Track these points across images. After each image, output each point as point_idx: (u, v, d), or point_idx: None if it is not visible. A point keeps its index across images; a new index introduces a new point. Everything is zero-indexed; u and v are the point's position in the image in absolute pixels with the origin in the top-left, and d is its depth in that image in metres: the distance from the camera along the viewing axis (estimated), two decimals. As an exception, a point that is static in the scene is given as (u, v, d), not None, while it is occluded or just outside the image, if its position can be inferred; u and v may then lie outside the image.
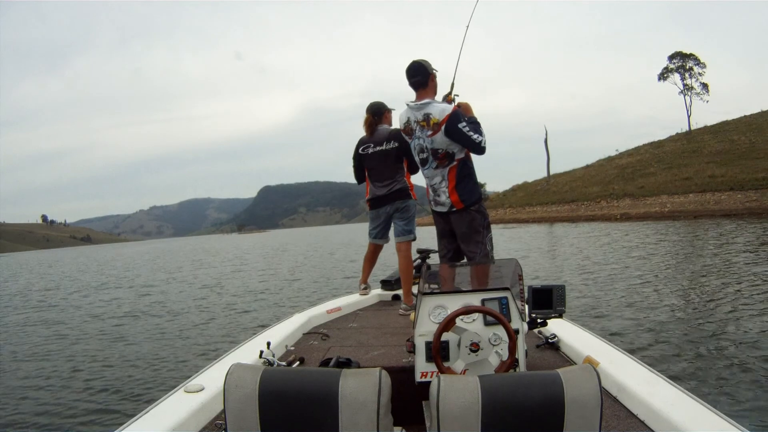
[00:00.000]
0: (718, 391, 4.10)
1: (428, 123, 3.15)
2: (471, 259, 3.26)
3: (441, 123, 3.10)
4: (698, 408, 1.73)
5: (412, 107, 3.24)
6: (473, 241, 3.25)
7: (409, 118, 3.30)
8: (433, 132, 3.15)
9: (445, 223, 3.39)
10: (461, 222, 3.27)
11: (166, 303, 11.40)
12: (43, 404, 4.87)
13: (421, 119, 3.19)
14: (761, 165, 34.02)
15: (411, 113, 3.27)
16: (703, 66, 54.68)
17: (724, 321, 6.18)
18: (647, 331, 5.99)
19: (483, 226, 3.27)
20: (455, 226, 3.31)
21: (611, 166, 52.23)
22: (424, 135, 3.20)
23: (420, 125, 3.21)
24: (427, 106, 3.16)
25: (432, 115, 3.13)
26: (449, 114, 3.10)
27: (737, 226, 20.49)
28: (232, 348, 2.72)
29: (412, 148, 3.38)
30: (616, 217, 35.01)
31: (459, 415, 1.19)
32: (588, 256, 14.17)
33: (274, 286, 13.04)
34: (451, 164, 3.20)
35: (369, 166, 4.00)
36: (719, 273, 9.54)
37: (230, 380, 1.27)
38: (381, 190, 3.96)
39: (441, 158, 3.20)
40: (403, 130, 3.41)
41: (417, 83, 3.22)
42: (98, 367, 6.13)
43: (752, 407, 3.79)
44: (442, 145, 3.16)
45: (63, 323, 9.66)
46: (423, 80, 3.21)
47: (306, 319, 3.44)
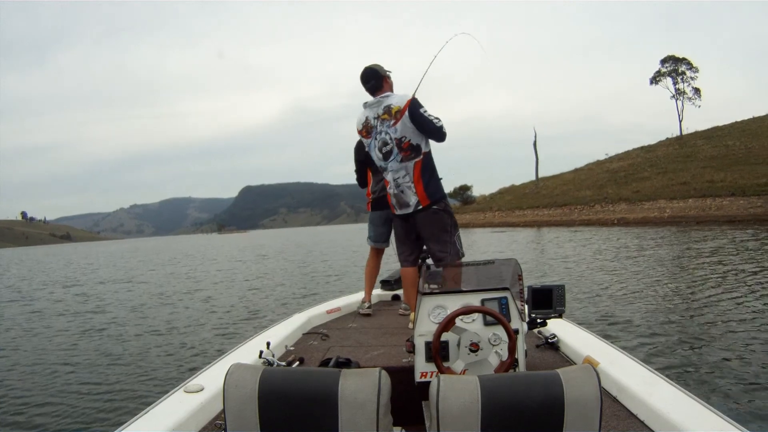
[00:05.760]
0: (719, 392, 4.11)
1: (390, 113, 3.17)
2: (441, 259, 3.23)
3: (403, 109, 3.14)
4: (698, 408, 1.73)
5: (371, 104, 3.27)
6: (442, 240, 3.24)
7: (367, 117, 3.30)
8: (395, 120, 3.16)
9: (409, 226, 3.36)
10: (428, 223, 3.24)
11: (167, 302, 11.40)
12: (42, 404, 4.84)
13: (381, 113, 3.21)
14: (761, 171, 34.18)
15: (369, 111, 3.28)
16: (696, 70, 55.36)
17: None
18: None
19: (451, 225, 3.26)
20: (421, 228, 3.28)
21: (602, 170, 52.53)
22: (385, 127, 3.21)
23: (381, 119, 3.22)
24: (386, 99, 3.21)
25: (392, 105, 3.17)
26: (410, 99, 3.16)
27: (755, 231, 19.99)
28: (232, 348, 2.73)
29: (372, 147, 3.34)
30: (613, 222, 35.12)
31: (459, 415, 1.19)
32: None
33: (269, 287, 13.05)
34: (416, 158, 3.19)
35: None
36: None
37: (230, 380, 1.27)
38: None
39: (406, 150, 3.17)
40: (361, 131, 3.38)
41: (372, 88, 3.28)
42: (97, 366, 6.11)
43: (752, 407, 3.82)
44: (406, 133, 3.15)
45: (53, 321, 9.62)
46: (377, 84, 3.27)
47: (306, 320, 3.44)
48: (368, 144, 3.37)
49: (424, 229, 3.28)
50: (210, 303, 10.84)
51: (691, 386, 4.16)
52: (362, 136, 3.39)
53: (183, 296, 12.35)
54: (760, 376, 4.44)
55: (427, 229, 3.26)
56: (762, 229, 21.03)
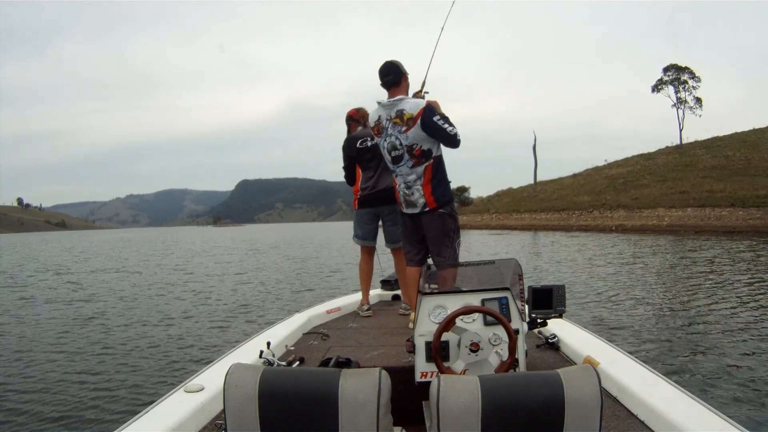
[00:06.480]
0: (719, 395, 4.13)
1: (402, 119, 3.12)
2: (439, 263, 3.20)
3: (416, 117, 3.09)
4: (698, 408, 1.74)
5: (385, 105, 3.22)
6: (444, 245, 3.22)
7: (380, 116, 3.26)
8: (407, 127, 3.12)
9: (415, 225, 3.34)
10: (434, 225, 3.22)
11: (166, 302, 11.33)
12: (42, 404, 4.78)
13: (394, 116, 3.16)
14: (760, 182, 34.22)
15: (383, 111, 3.24)
16: (698, 80, 55.44)
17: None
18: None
19: (453, 230, 3.25)
20: (426, 229, 3.26)
21: (600, 176, 52.64)
22: (396, 132, 3.17)
23: (393, 122, 3.18)
24: (400, 103, 3.16)
25: (406, 111, 3.12)
26: (423, 107, 3.10)
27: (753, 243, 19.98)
28: (232, 348, 2.73)
29: (382, 147, 3.31)
30: (611, 228, 35.13)
31: (459, 415, 1.18)
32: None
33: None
34: (427, 162, 3.17)
35: (367, 158, 3.84)
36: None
37: (230, 380, 1.26)
38: (381, 184, 3.81)
39: (417, 156, 3.15)
40: (373, 128, 3.35)
41: (390, 82, 3.22)
42: (97, 366, 6.04)
43: (752, 407, 3.84)
44: (417, 141, 3.12)
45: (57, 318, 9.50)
46: (396, 79, 3.22)
47: (306, 319, 3.44)
48: (379, 143, 3.34)
49: (428, 230, 3.26)
50: (209, 299, 10.81)
51: (691, 387, 4.18)
52: (374, 132, 3.37)
53: (180, 291, 12.33)
54: (759, 375, 4.50)
55: (432, 231, 3.25)
56: (760, 241, 21.09)
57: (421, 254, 3.40)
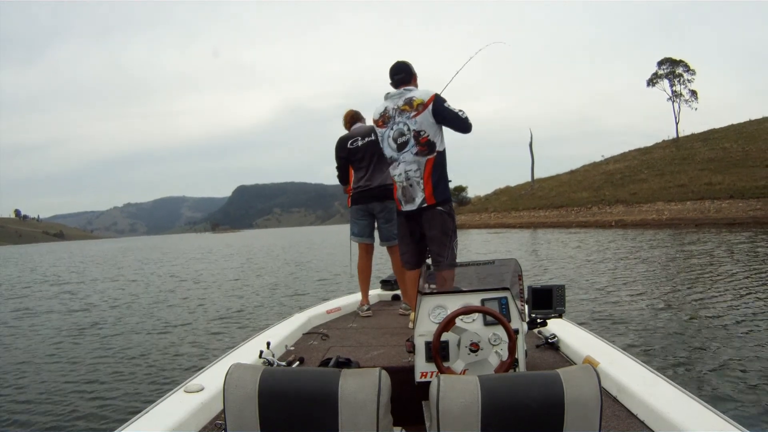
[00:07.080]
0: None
1: (411, 105, 3.14)
2: (438, 263, 3.21)
3: (426, 103, 3.11)
4: (698, 408, 1.74)
5: (392, 95, 3.25)
6: (444, 244, 3.21)
7: (386, 107, 3.27)
8: (417, 112, 3.13)
9: (413, 224, 3.33)
10: (433, 223, 3.22)
11: (167, 302, 11.37)
12: (42, 404, 4.81)
13: (402, 104, 3.18)
14: (759, 173, 34.21)
15: (390, 102, 3.26)
16: (693, 73, 55.41)
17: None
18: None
19: (452, 230, 3.25)
20: (426, 227, 3.25)
21: (598, 171, 52.53)
22: (404, 118, 3.18)
23: (401, 110, 3.19)
24: (409, 92, 3.19)
25: (416, 97, 3.15)
26: (434, 94, 3.14)
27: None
28: (232, 348, 2.73)
29: (387, 137, 3.29)
30: (610, 224, 35.13)
31: (459, 415, 1.19)
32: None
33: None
34: (430, 155, 3.17)
35: (359, 158, 3.88)
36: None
37: (230, 380, 1.27)
38: (374, 182, 3.84)
39: (422, 144, 3.15)
40: (377, 121, 3.35)
41: (399, 81, 3.26)
42: (97, 366, 6.08)
43: (752, 407, 3.83)
44: (425, 127, 3.13)
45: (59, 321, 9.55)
46: (406, 78, 3.26)
47: (306, 319, 3.44)
48: (382, 134, 3.32)
49: (428, 229, 3.25)
50: (207, 303, 10.82)
51: (691, 384, 4.18)
52: (377, 126, 3.35)
53: (180, 296, 12.33)
54: (760, 376, 4.46)
55: (431, 230, 3.24)
56: (760, 231, 21.09)
57: (418, 257, 3.38)
